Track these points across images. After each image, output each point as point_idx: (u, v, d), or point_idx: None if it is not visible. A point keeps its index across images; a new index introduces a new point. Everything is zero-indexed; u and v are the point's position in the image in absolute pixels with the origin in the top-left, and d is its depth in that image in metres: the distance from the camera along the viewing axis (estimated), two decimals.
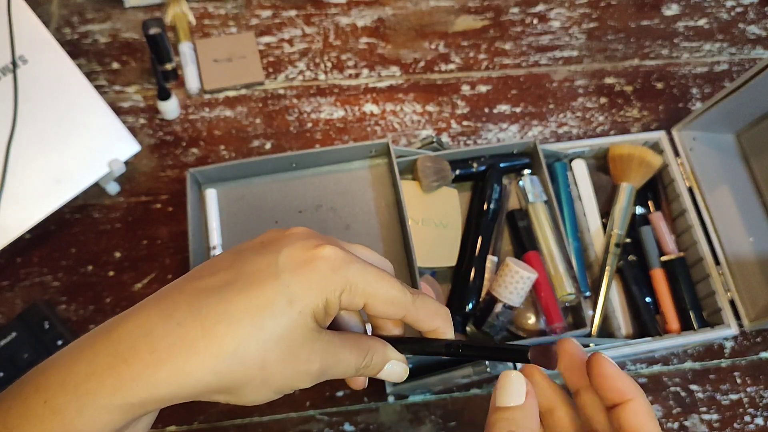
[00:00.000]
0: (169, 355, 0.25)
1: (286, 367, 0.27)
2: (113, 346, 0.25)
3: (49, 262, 0.62)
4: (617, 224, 0.63)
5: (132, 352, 0.25)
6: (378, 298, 0.29)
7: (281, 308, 0.26)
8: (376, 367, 0.31)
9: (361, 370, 0.30)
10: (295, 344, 0.27)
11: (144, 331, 0.25)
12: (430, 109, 0.72)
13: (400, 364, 0.32)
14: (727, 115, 0.65)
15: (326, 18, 0.76)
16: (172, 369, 0.25)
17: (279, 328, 0.26)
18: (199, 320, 0.25)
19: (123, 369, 0.25)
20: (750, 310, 0.61)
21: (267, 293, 0.26)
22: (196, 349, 0.25)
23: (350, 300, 0.28)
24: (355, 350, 0.29)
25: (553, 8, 0.79)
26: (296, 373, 0.27)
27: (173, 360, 0.25)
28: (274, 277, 0.27)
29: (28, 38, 0.60)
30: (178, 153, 0.67)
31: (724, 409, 0.63)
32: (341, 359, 0.29)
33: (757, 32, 0.80)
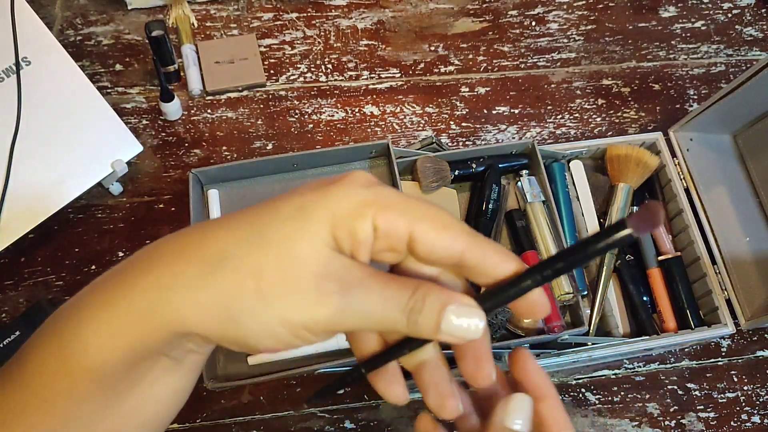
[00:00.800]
0: (158, 262, 0.22)
1: (288, 277, 0.21)
2: (119, 267, 0.23)
3: (52, 261, 0.63)
4: None
5: (130, 265, 0.23)
6: (426, 221, 0.22)
7: (287, 215, 0.22)
8: (433, 309, 0.22)
9: (411, 316, 0.22)
10: (300, 254, 0.21)
11: (148, 248, 0.23)
12: (429, 110, 0.73)
13: (469, 309, 0.22)
14: (723, 116, 0.66)
15: (327, 20, 0.76)
16: (157, 278, 0.22)
17: (281, 234, 0.21)
18: (196, 234, 0.23)
19: (115, 281, 0.23)
20: (746, 309, 0.62)
21: (276, 203, 0.22)
22: (187, 253, 0.22)
23: (389, 224, 0.22)
24: (395, 282, 0.22)
25: (552, 10, 0.80)
26: (304, 288, 0.21)
27: (162, 265, 0.22)
28: (291, 193, 0.23)
29: (32, 40, 0.61)
30: (180, 154, 0.68)
31: (720, 408, 0.64)
32: (372, 287, 0.22)
33: (753, 34, 0.81)
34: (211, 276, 0.21)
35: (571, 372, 0.63)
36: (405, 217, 0.22)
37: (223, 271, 0.21)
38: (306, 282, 0.21)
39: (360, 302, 0.22)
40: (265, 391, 0.60)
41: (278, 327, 0.21)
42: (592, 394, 0.63)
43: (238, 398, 0.60)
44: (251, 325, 0.21)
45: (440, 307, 0.22)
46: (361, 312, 0.22)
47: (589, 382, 0.63)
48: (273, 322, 0.21)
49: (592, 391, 0.63)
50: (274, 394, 0.60)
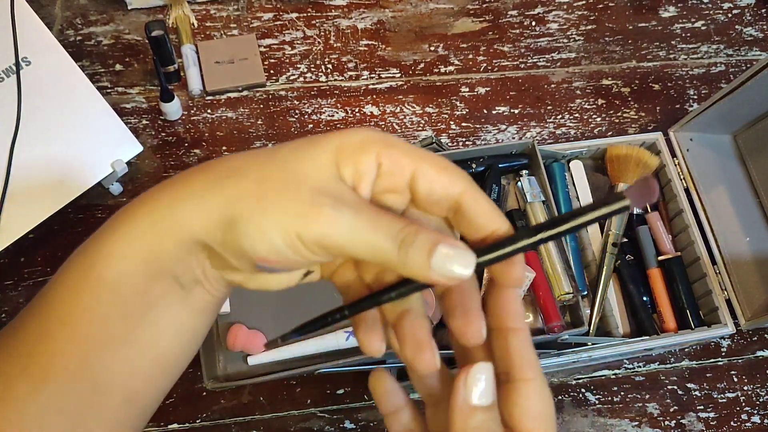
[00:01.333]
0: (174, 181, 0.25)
1: (287, 191, 0.23)
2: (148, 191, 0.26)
3: (52, 261, 0.63)
4: (614, 224, 0.64)
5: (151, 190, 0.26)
6: (428, 162, 0.24)
7: (297, 145, 0.24)
8: (425, 243, 0.22)
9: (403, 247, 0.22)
10: (302, 170, 0.23)
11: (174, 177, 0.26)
12: (429, 110, 0.73)
13: (460, 250, 0.23)
14: (723, 116, 0.66)
15: (327, 20, 0.76)
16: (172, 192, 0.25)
17: (289, 156, 0.24)
18: (215, 161, 0.25)
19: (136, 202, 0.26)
20: (746, 310, 0.62)
21: (291, 142, 0.25)
22: (204, 172, 0.25)
23: (393, 160, 0.24)
24: (387, 215, 0.23)
25: (552, 10, 0.80)
26: (299, 202, 0.22)
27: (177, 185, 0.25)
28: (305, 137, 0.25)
29: (32, 40, 0.61)
30: (180, 154, 0.68)
31: (720, 408, 0.64)
32: (364, 212, 0.23)
33: (753, 34, 0.81)
34: (218, 184, 0.24)
35: (571, 372, 0.63)
36: (408, 157, 0.24)
37: (230, 180, 0.23)
38: (303, 193, 0.23)
39: (351, 220, 0.22)
40: (265, 392, 0.60)
41: (273, 232, 0.23)
42: (592, 394, 0.63)
43: (237, 398, 0.60)
44: (248, 228, 0.23)
45: (431, 245, 0.22)
46: (351, 231, 0.23)
47: (589, 382, 0.63)
48: (269, 227, 0.23)
49: (592, 391, 0.63)
50: (274, 395, 0.60)
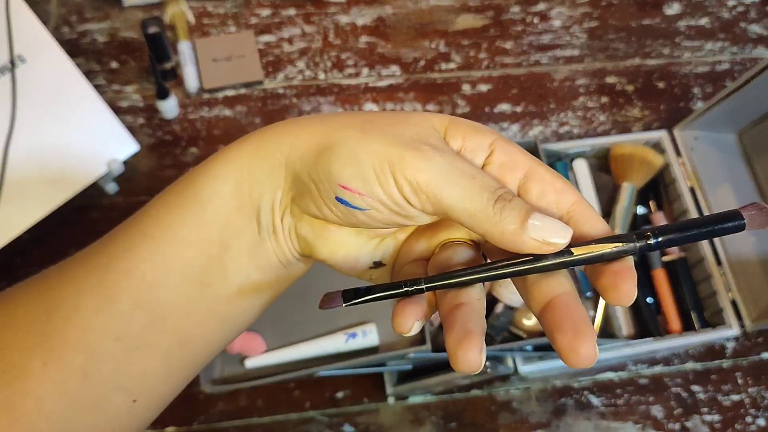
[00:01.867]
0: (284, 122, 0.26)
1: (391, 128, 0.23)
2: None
3: (48, 261, 0.61)
4: (618, 224, 0.63)
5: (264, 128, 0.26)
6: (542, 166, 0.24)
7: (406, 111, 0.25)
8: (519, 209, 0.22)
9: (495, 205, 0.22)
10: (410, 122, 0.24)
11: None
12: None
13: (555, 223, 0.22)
14: (728, 115, 0.65)
15: (326, 17, 0.75)
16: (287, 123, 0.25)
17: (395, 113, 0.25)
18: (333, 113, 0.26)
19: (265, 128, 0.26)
20: (752, 311, 0.61)
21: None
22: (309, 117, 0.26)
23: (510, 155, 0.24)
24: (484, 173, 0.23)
25: (554, 7, 0.79)
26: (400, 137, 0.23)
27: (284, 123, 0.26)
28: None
29: (27, 37, 0.60)
30: (177, 152, 0.67)
31: (725, 410, 0.63)
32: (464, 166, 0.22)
33: (758, 31, 0.80)
34: (327, 118, 0.24)
35: (574, 374, 0.63)
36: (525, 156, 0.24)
37: (339, 115, 0.24)
38: (406, 133, 0.23)
39: (450, 164, 0.22)
40: (263, 395, 0.59)
41: (366, 157, 0.22)
42: (596, 397, 0.62)
43: (235, 402, 0.59)
44: (343, 150, 0.23)
45: (527, 210, 0.22)
46: (448, 174, 0.22)
47: (592, 385, 0.63)
48: (363, 152, 0.22)
49: (596, 394, 0.62)
50: (272, 398, 0.59)
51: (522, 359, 0.58)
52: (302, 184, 0.24)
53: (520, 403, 0.61)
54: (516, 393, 0.62)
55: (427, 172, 0.22)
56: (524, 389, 0.62)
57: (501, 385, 0.62)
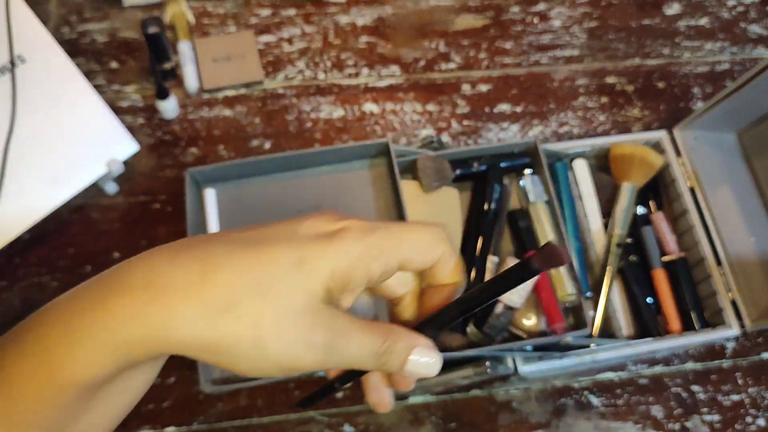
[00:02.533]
0: (162, 293, 0.24)
1: (283, 330, 0.24)
2: (113, 282, 0.24)
3: (47, 262, 0.62)
4: (618, 224, 0.63)
5: (128, 287, 0.24)
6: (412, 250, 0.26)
7: (287, 268, 0.24)
8: (401, 354, 0.27)
9: (382, 358, 0.26)
10: (296, 308, 0.24)
11: (145, 270, 0.24)
12: (430, 108, 0.72)
13: (429, 351, 0.27)
14: (728, 115, 0.65)
15: (326, 17, 0.75)
16: (164, 308, 0.23)
17: (280, 288, 0.24)
18: (200, 266, 0.24)
19: (114, 303, 0.24)
20: (752, 311, 0.61)
21: (277, 251, 0.25)
22: (191, 292, 0.24)
23: (383, 267, 0.26)
24: (371, 331, 0.26)
25: (554, 7, 0.79)
26: (296, 340, 0.24)
27: (166, 298, 0.24)
28: (289, 240, 0.25)
29: (27, 37, 0.60)
30: (176, 153, 0.67)
31: (725, 410, 0.63)
32: (353, 336, 0.26)
33: (758, 31, 0.80)
34: (215, 322, 0.24)
35: (574, 374, 0.63)
36: (398, 257, 0.26)
37: (227, 319, 0.24)
38: (299, 334, 0.24)
39: (343, 349, 0.25)
40: (263, 395, 0.59)
41: (269, 367, 0.25)
42: (596, 397, 0.62)
43: (235, 402, 0.59)
44: (245, 364, 0.25)
45: (407, 351, 0.27)
46: (342, 357, 0.26)
47: (592, 385, 0.63)
48: (265, 365, 0.25)
49: (596, 394, 0.62)
50: (272, 398, 0.59)
51: (522, 359, 0.58)
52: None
53: (520, 404, 0.61)
54: (516, 393, 0.62)
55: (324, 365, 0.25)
56: (524, 389, 0.62)
57: (501, 386, 0.62)
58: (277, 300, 0.24)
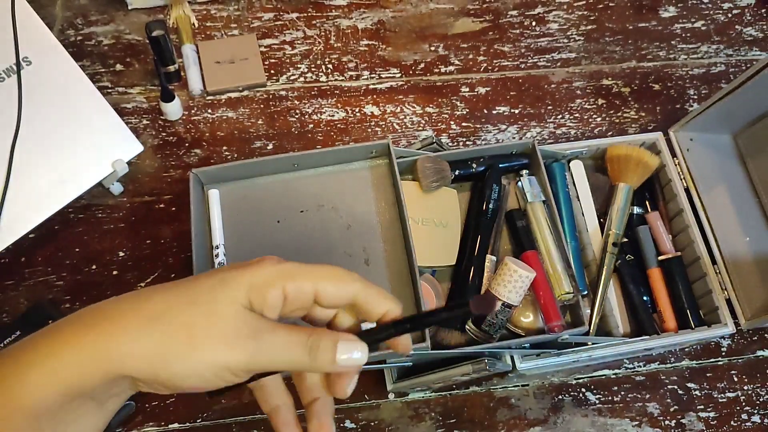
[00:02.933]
0: (104, 319, 0.27)
1: (213, 330, 0.27)
2: (61, 322, 0.27)
3: (53, 261, 0.63)
4: (615, 224, 0.64)
5: (71, 321, 0.27)
6: (325, 279, 0.29)
7: (212, 284, 0.28)
8: (327, 347, 0.29)
9: (312, 354, 0.29)
10: (222, 312, 0.27)
11: (89, 309, 0.28)
12: (429, 110, 0.73)
13: (355, 344, 0.30)
14: (723, 116, 0.66)
15: (327, 20, 0.76)
16: (104, 330, 0.26)
17: (207, 297, 0.27)
18: (135, 298, 0.28)
19: (59, 333, 0.26)
20: (746, 309, 0.62)
21: (202, 277, 0.29)
22: (129, 313, 0.27)
23: (297, 288, 0.29)
24: (295, 329, 0.29)
25: (552, 10, 0.80)
26: (225, 337, 0.27)
27: (107, 323, 0.26)
28: (214, 271, 0.29)
29: (32, 40, 0.61)
30: (181, 153, 0.68)
31: (721, 407, 0.64)
32: (278, 334, 0.28)
33: (753, 34, 0.81)
34: (149, 329, 0.26)
35: (571, 372, 0.64)
36: (309, 281, 0.29)
37: (160, 325, 0.27)
38: (226, 332, 0.27)
39: (269, 344, 0.28)
40: None
41: (203, 369, 0.27)
42: (593, 394, 0.63)
43: (238, 398, 0.60)
44: (180, 367, 0.26)
45: (333, 344, 0.29)
46: (271, 353, 0.28)
47: (589, 382, 0.63)
48: (199, 366, 0.27)
49: (593, 391, 0.63)
50: None
51: (520, 357, 0.59)
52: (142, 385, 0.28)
53: (518, 400, 0.62)
54: (514, 390, 0.63)
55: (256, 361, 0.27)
56: (522, 386, 0.63)
57: (499, 382, 0.63)
58: (205, 306, 0.27)
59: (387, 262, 0.60)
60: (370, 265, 0.60)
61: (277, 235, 0.60)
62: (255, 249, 0.60)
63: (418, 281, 0.56)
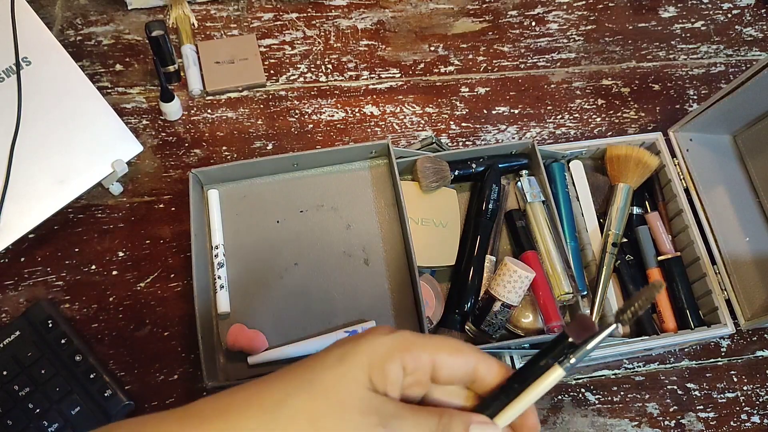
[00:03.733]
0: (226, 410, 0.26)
1: (338, 419, 0.26)
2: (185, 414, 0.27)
3: (52, 261, 0.63)
4: (614, 224, 0.64)
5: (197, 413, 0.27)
6: (444, 350, 0.28)
7: (331, 363, 0.27)
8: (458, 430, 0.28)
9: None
10: (345, 397, 0.26)
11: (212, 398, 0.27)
12: (429, 110, 0.73)
13: (488, 427, 0.28)
14: (723, 117, 0.66)
15: (327, 20, 0.76)
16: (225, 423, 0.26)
17: (327, 381, 0.26)
18: (258, 383, 0.27)
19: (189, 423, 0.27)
20: (746, 309, 0.62)
21: (321, 355, 0.28)
22: (248, 405, 0.26)
23: (415, 360, 0.27)
24: (424, 412, 0.28)
25: (551, 11, 0.80)
26: (351, 427, 0.26)
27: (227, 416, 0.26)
28: (332, 346, 0.28)
29: (32, 40, 0.61)
30: (180, 154, 0.68)
31: (720, 408, 0.64)
32: (406, 417, 0.27)
33: (753, 34, 0.81)
34: (272, 424, 0.25)
35: (570, 372, 0.63)
36: (426, 351, 0.28)
37: (282, 420, 0.26)
38: (353, 421, 0.26)
39: (398, 430, 0.26)
40: None
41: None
42: (592, 394, 0.63)
43: None
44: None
45: (464, 427, 0.27)
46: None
47: (588, 382, 0.64)
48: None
49: (592, 391, 0.63)
50: None
51: (519, 357, 0.59)
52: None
53: None
54: None
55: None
56: None
57: None
58: (327, 393, 0.26)
59: (386, 263, 0.60)
60: (369, 265, 0.60)
61: (277, 235, 0.60)
62: (254, 249, 0.60)
63: (417, 281, 0.56)
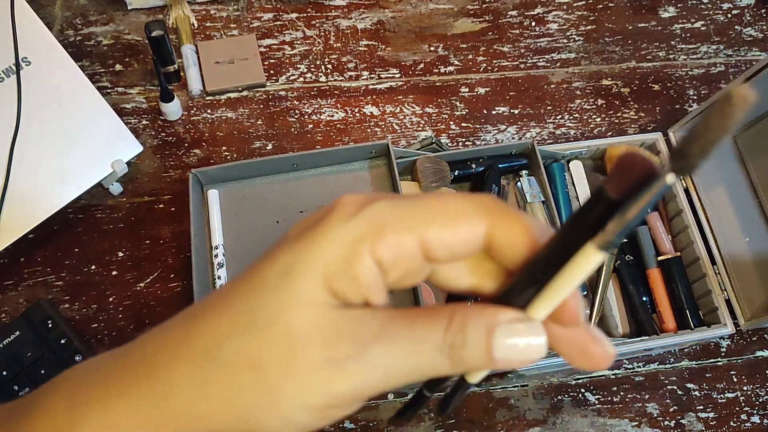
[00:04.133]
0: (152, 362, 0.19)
1: (292, 365, 0.18)
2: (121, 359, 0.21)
3: (52, 261, 0.63)
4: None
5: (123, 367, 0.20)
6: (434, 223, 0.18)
7: (273, 281, 0.18)
8: (478, 342, 0.18)
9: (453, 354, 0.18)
10: (297, 328, 0.18)
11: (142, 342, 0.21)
12: (429, 110, 0.73)
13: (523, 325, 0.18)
14: None
15: (327, 20, 0.76)
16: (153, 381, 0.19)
17: (270, 308, 0.18)
18: (186, 322, 0.20)
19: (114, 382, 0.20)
20: (746, 310, 0.62)
21: (261, 268, 0.19)
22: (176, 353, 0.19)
23: (393, 248, 0.18)
24: (422, 320, 0.19)
25: (551, 11, 0.80)
26: (313, 371, 0.18)
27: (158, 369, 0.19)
28: (274, 250, 0.20)
29: (32, 40, 0.61)
30: (180, 154, 0.68)
31: (720, 408, 0.64)
32: (396, 337, 0.18)
33: (753, 34, 0.81)
34: (205, 380, 0.18)
35: (570, 372, 0.64)
36: (408, 231, 0.18)
37: (216, 372, 0.18)
38: (312, 359, 0.18)
39: (385, 357, 0.18)
40: None
41: (298, 415, 0.18)
42: (592, 395, 0.63)
43: None
44: (268, 421, 0.18)
45: (487, 333, 0.18)
46: (390, 368, 0.18)
47: (588, 383, 0.63)
48: (290, 413, 0.18)
49: (592, 392, 0.63)
50: None
51: None
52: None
53: (518, 400, 0.62)
54: (513, 390, 0.63)
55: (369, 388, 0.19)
56: (521, 386, 0.63)
57: (498, 383, 0.63)
58: (271, 328, 0.18)
59: None
60: None
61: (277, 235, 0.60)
62: (254, 249, 0.60)
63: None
